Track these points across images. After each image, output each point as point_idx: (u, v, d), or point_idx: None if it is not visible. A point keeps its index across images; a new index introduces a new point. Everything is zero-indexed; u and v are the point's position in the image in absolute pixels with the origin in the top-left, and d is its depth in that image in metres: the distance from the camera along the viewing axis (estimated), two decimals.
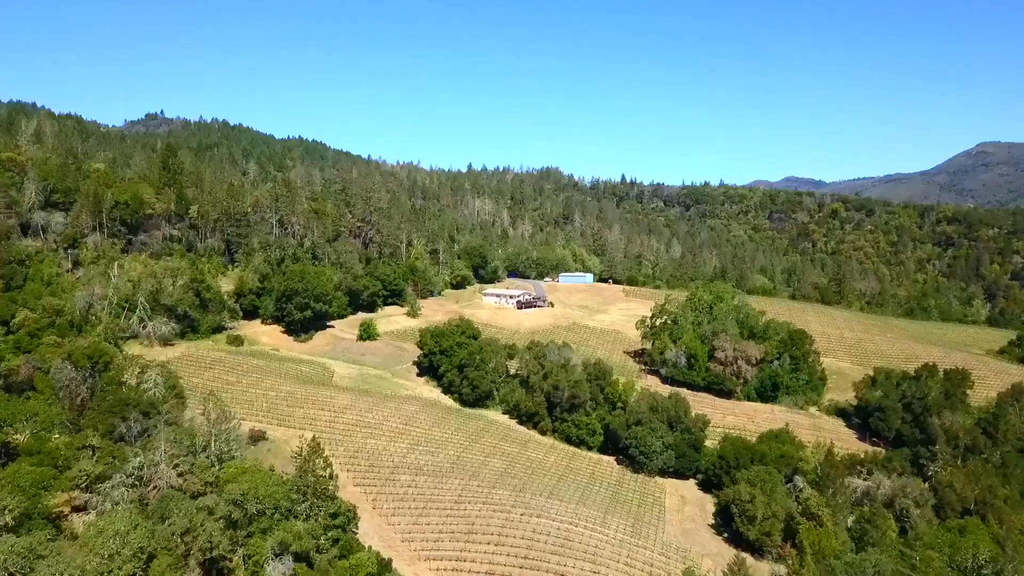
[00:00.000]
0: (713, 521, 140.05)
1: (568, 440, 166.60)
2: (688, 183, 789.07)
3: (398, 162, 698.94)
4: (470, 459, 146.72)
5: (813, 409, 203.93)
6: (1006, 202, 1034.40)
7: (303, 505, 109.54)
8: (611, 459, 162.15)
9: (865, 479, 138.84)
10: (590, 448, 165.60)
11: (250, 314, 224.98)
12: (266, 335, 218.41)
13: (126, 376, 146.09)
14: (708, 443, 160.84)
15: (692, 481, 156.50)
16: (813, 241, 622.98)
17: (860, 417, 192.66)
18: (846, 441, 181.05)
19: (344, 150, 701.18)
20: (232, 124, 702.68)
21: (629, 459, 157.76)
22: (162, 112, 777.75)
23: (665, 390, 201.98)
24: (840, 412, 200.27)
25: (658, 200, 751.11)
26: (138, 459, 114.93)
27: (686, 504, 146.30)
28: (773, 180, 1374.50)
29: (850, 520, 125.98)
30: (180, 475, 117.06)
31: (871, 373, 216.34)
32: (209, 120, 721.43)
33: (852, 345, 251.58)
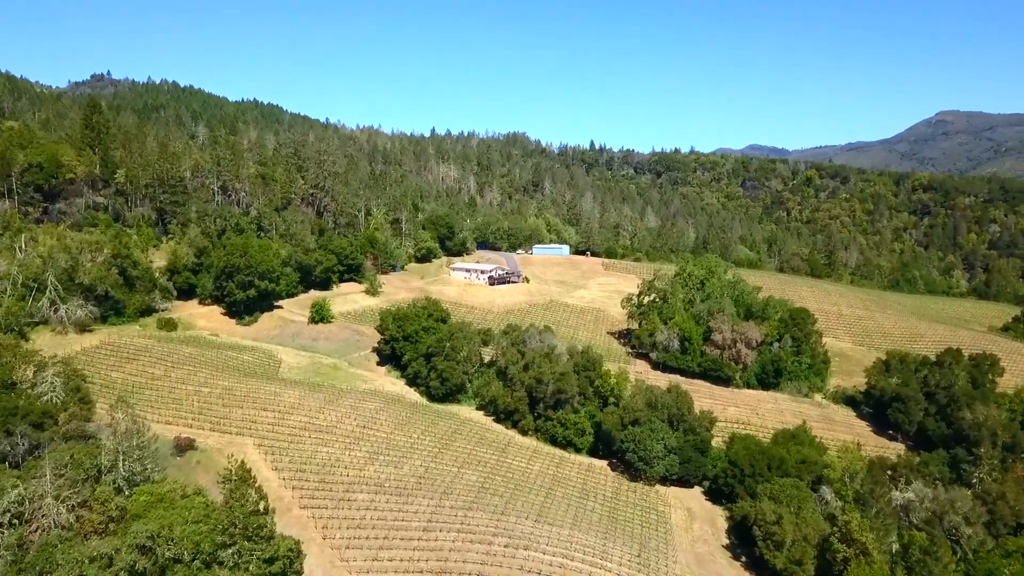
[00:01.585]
0: (727, 541, 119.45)
1: (553, 441, 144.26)
2: (658, 150, 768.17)
3: (358, 126, 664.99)
4: (441, 471, 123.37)
5: (818, 397, 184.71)
6: (965, 170, 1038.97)
7: (229, 551, 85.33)
8: (603, 464, 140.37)
9: (903, 490, 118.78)
10: (579, 450, 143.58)
11: (186, 294, 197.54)
12: (204, 318, 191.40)
13: (17, 375, 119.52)
14: (713, 442, 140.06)
15: (698, 489, 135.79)
16: (788, 209, 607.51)
17: (871, 406, 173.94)
18: (862, 435, 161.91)
19: (302, 114, 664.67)
20: (183, 86, 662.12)
21: (625, 464, 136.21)
22: (108, 73, 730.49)
23: (656, 377, 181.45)
24: (848, 400, 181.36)
25: (628, 167, 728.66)
26: (16, 490, 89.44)
27: (694, 520, 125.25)
28: (737, 148, 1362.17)
29: (893, 543, 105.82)
30: (72, 509, 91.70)
31: (881, 356, 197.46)
32: (158, 82, 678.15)
33: (851, 323, 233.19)
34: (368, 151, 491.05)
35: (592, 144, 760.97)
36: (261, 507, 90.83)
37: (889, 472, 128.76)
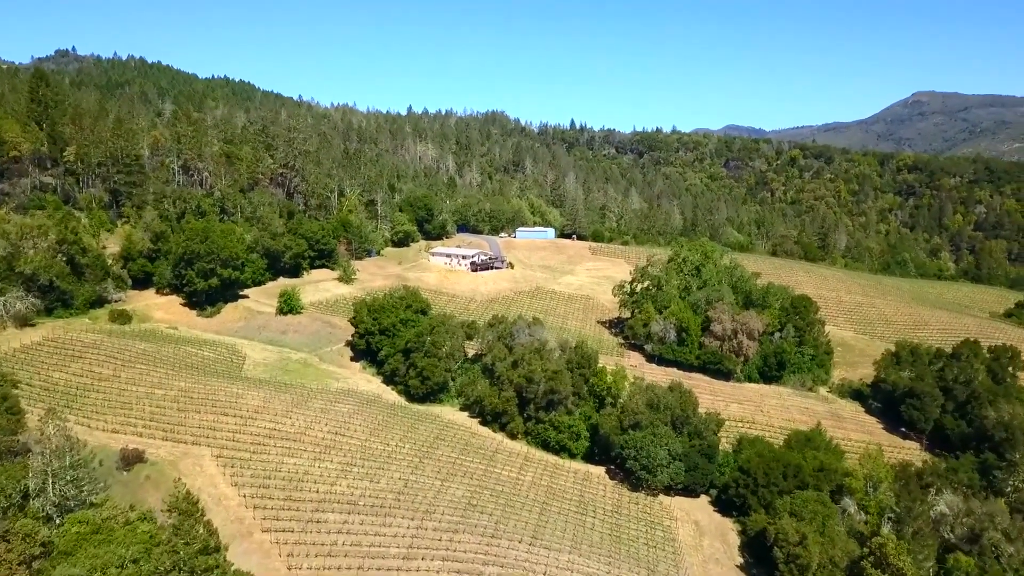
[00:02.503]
0: (741, 560, 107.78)
1: (545, 446, 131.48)
2: (639, 129, 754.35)
3: (332, 104, 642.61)
4: (422, 485, 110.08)
5: (823, 390, 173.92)
6: (941, 151, 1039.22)
7: None
8: (601, 471, 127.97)
9: (933, 501, 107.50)
10: (573, 456, 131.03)
11: (142, 283, 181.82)
12: (161, 309, 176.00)
13: None
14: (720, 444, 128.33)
15: (705, 499, 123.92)
16: (772, 190, 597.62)
17: (880, 400, 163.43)
18: (873, 434, 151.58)
19: (275, 92, 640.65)
20: (150, 62, 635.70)
21: (625, 472, 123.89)
22: (74, 49, 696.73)
23: (652, 371, 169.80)
24: (855, 394, 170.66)
25: (610, 147, 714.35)
26: None
27: (703, 535, 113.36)
28: (714, 128, 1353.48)
29: (931, 568, 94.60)
30: None
31: (885, 345, 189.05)
32: (124, 58, 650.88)
33: (852, 310, 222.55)
34: (343, 129, 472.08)
35: (573, 123, 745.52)
36: (212, 543, 77.34)
37: (913, 479, 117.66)
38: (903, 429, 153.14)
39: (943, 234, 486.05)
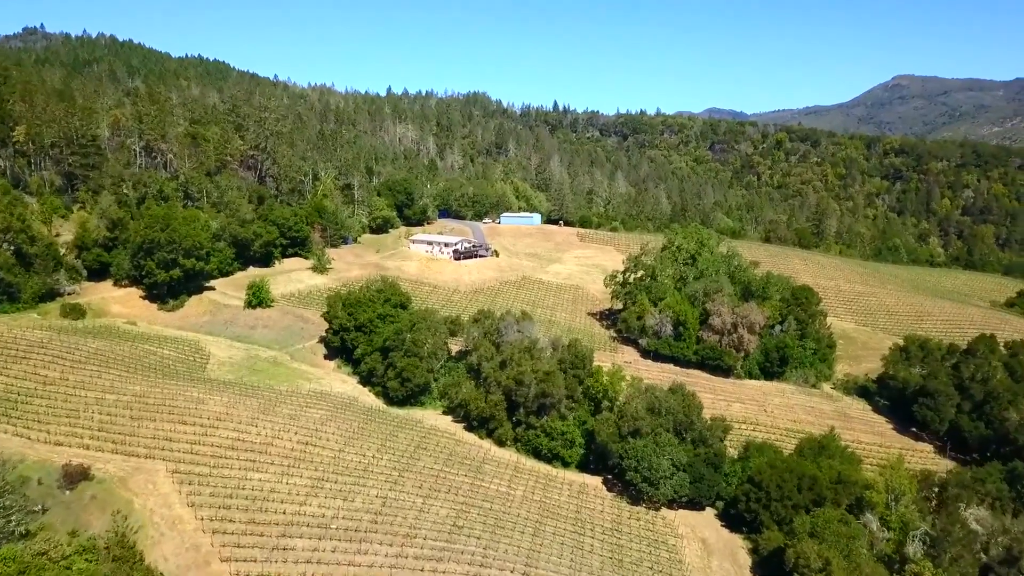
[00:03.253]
0: None
1: (537, 454, 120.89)
2: (623, 112, 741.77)
3: (310, 84, 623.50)
4: (402, 503, 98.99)
5: (827, 387, 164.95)
6: (921, 134, 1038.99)
7: None
8: (597, 482, 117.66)
9: (968, 519, 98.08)
10: (567, 464, 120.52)
11: (99, 274, 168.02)
12: (119, 303, 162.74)
13: None
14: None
15: (710, 512, 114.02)
16: (758, 174, 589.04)
17: (888, 398, 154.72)
18: (884, 435, 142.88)
19: (251, 71, 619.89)
20: (121, 40, 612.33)
21: (624, 483, 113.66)
22: (42, 26, 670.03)
23: (648, 367, 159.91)
24: (861, 391, 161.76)
25: (594, 129, 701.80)
26: None
27: (711, 555, 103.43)
28: (696, 111, 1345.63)
29: None
30: None
31: (888, 337, 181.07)
32: (94, 36, 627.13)
33: (851, 300, 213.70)
34: (320, 110, 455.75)
35: (556, 105, 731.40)
36: None
37: (936, 490, 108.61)
38: (914, 429, 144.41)
39: (931, 219, 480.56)
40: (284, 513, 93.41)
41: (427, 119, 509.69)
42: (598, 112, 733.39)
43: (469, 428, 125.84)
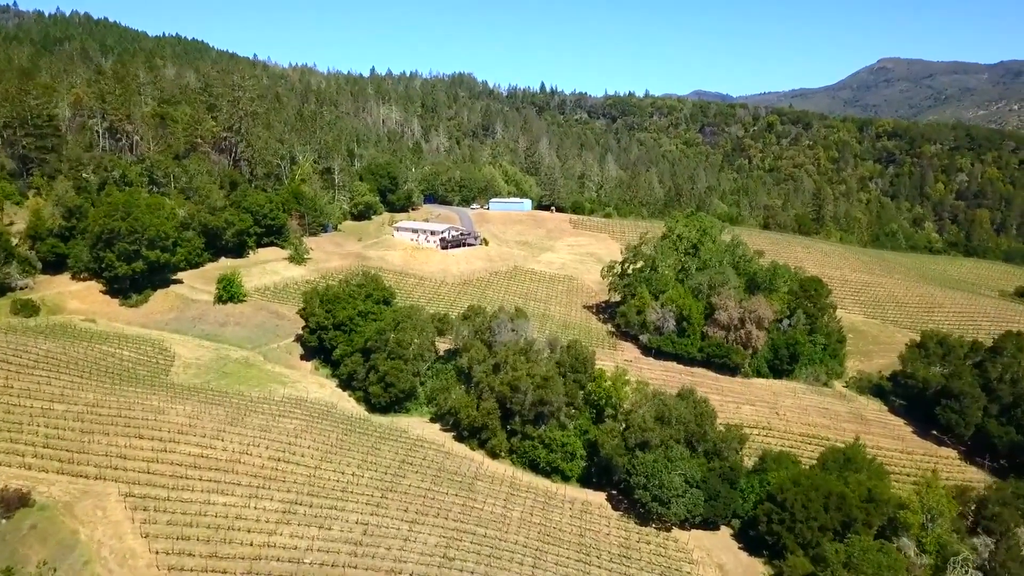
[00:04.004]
0: None
1: (534, 467, 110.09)
2: (611, 93, 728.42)
3: (291, 64, 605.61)
4: (385, 531, 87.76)
5: (839, 385, 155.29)
6: (907, 117, 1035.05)
7: None
8: (601, 498, 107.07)
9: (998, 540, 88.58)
10: (567, 479, 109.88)
11: (55, 266, 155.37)
12: (77, 298, 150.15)
13: None
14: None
15: (726, 532, 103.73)
16: (749, 157, 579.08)
17: (904, 397, 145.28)
18: (904, 439, 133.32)
19: (230, 51, 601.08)
20: (96, 19, 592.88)
21: (630, 501, 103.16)
22: (15, 3, 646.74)
23: (649, 365, 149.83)
24: (875, 390, 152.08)
25: (582, 111, 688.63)
26: None
27: None
28: (682, 94, 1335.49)
29: None
30: None
31: (899, 330, 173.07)
32: (68, 13, 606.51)
33: (858, 290, 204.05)
34: (300, 91, 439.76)
35: (543, 86, 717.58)
36: None
37: (974, 507, 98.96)
38: (935, 433, 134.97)
39: (925, 203, 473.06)
40: (251, 545, 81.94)
41: (411, 100, 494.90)
42: (586, 94, 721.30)
43: (459, 438, 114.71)
